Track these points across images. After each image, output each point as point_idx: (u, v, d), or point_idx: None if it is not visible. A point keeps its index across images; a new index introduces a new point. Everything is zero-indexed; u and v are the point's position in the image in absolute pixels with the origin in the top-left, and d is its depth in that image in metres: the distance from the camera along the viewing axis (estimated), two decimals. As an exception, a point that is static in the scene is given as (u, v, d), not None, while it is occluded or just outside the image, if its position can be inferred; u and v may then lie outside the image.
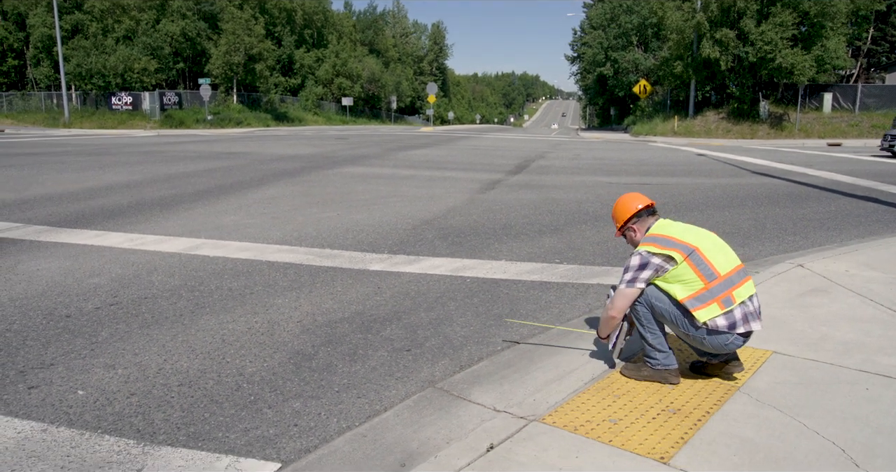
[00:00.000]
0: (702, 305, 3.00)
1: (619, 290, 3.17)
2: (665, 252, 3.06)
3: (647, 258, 3.09)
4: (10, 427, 2.83)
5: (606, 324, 3.27)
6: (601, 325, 3.32)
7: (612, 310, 3.20)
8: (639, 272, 3.11)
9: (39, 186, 10.57)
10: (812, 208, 9.26)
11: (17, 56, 43.88)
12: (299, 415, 3.01)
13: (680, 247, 3.06)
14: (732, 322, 3.00)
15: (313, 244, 6.53)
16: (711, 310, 2.99)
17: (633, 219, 3.32)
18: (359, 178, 12.79)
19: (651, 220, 3.31)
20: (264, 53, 46.42)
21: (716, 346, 3.05)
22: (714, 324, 2.99)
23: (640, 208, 3.31)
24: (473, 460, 2.46)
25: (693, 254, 3.04)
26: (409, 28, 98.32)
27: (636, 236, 3.32)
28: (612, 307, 3.19)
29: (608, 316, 3.22)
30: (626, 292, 3.14)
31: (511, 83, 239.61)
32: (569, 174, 14.11)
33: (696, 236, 3.14)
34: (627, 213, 3.33)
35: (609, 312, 3.21)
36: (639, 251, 3.14)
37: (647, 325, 3.18)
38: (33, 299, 4.65)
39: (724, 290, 3.00)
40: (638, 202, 3.33)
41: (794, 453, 2.51)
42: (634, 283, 3.12)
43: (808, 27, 32.10)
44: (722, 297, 3.00)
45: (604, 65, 57.59)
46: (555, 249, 6.52)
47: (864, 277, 5.06)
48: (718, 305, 2.99)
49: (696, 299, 3.01)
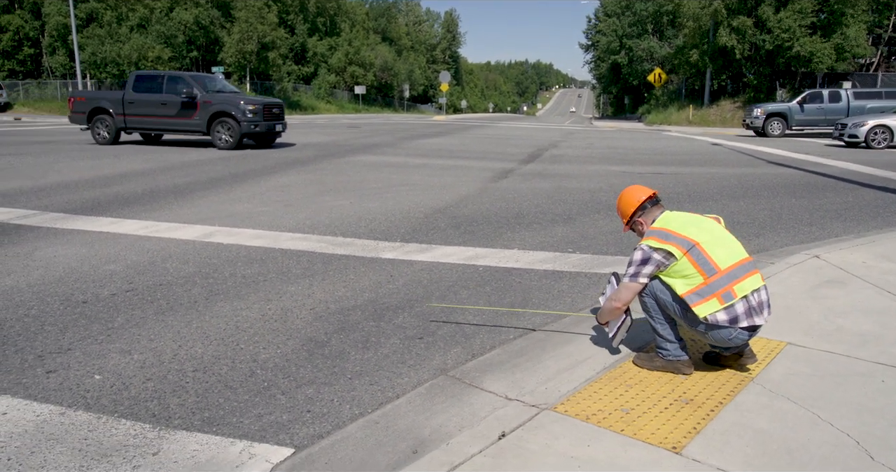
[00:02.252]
0: (701, 300, 2.96)
1: (623, 283, 3.18)
2: (664, 247, 3.02)
3: (649, 253, 3.07)
4: (29, 410, 2.88)
5: (609, 313, 3.28)
6: (602, 311, 3.33)
7: (616, 301, 3.20)
8: (641, 267, 3.10)
9: (56, 174, 10.67)
10: (829, 199, 9.15)
11: (33, 45, 44.19)
12: (312, 401, 3.03)
13: (679, 241, 3.02)
14: (734, 317, 2.95)
15: (326, 232, 6.55)
16: (711, 305, 2.95)
17: (638, 212, 3.30)
18: (371, 166, 12.79)
19: (656, 211, 3.28)
20: (277, 42, 46.42)
21: (719, 340, 3.03)
22: (714, 319, 2.96)
23: (644, 200, 3.28)
24: (485, 447, 2.47)
25: (693, 249, 3.00)
26: (421, 16, 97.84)
27: (643, 229, 3.29)
28: (616, 299, 3.20)
29: (612, 307, 3.23)
30: (629, 285, 3.15)
31: (524, 72, 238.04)
32: (582, 163, 14.03)
33: (697, 229, 3.08)
34: (631, 207, 3.31)
35: (613, 303, 3.21)
36: (641, 246, 3.12)
37: (655, 316, 3.17)
38: (50, 285, 4.71)
39: (724, 284, 2.95)
40: (640, 195, 3.30)
41: (808, 444, 2.50)
42: (637, 278, 3.11)
43: (827, 14, 31.56)
44: (722, 291, 2.95)
45: (618, 53, 57.06)
46: (567, 238, 6.50)
47: (881, 268, 5.00)
48: (718, 300, 2.95)
49: (696, 294, 2.98)
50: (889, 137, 18.38)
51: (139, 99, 16.10)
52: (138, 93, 16.13)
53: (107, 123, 16.55)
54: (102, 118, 16.59)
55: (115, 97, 16.49)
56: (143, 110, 16.11)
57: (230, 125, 15.43)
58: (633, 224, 3.36)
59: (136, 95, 16.14)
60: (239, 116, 15.27)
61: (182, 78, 16.17)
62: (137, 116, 16.23)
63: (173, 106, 15.75)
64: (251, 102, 15.56)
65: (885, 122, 18.60)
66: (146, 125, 16.42)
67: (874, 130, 18.42)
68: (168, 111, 15.84)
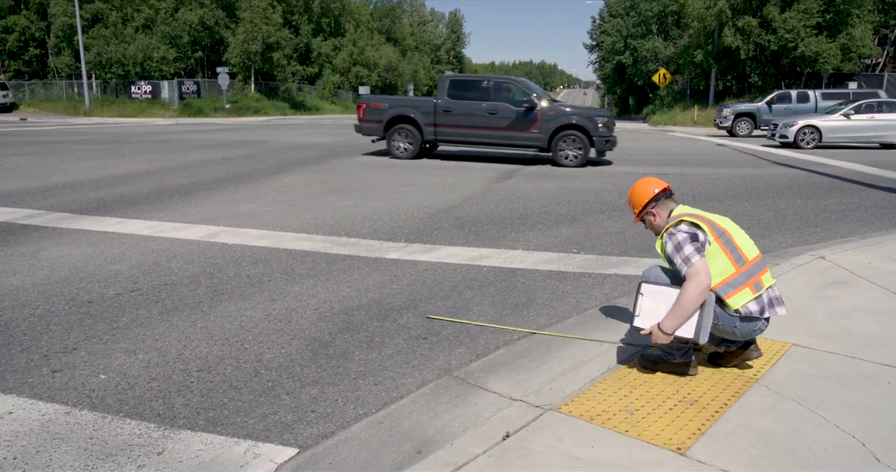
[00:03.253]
0: (734, 290, 2.98)
1: (689, 269, 2.90)
2: (701, 225, 3.03)
3: (690, 230, 3.04)
4: (34, 410, 2.89)
5: (689, 310, 2.90)
6: (673, 318, 2.93)
7: (697, 287, 2.86)
8: (693, 244, 2.98)
9: (61, 174, 10.71)
10: (834, 200, 9.11)
11: (39, 45, 44.34)
12: (316, 401, 3.03)
13: (711, 226, 3.06)
14: (762, 307, 3.01)
15: (330, 232, 6.55)
16: (744, 295, 2.98)
17: (652, 203, 3.27)
18: (375, 166, 12.80)
19: (671, 204, 3.27)
20: (282, 42, 46.44)
21: (745, 333, 3.05)
22: (747, 310, 2.99)
23: (658, 192, 3.27)
24: (489, 448, 2.47)
25: (723, 236, 3.05)
26: (426, 16, 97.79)
27: (656, 220, 3.27)
28: (696, 288, 2.86)
29: (696, 295, 2.86)
30: (698, 265, 2.90)
31: (529, 72, 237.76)
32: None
33: (721, 220, 3.15)
34: (646, 197, 3.28)
35: (695, 291, 2.86)
36: (678, 228, 3.06)
37: None
38: (56, 284, 4.73)
39: (753, 274, 3.01)
40: (655, 186, 3.30)
41: (813, 446, 2.49)
42: (697, 253, 2.95)
43: (833, 15, 31.46)
44: (752, 281, 3.00)
45: (623, 53, 56.94)
46: (572, 238, 6.49)
47: (887, 269, 4.98)
48: (750, 289, 2.99)
49: (729, 284, 2.98)
50: (818, 137, 18.56)
51: (457, 107, 13.52)
52: (456, 100, 13.58)
53: (411, 134, 14.04)
54: (404, 129, 14.06)
55: (424, 105, 13.99)
56: (462, 121, 13.54)
57: (580, 140, 13.04)
58: (645, 215, 3.32)
59: (452, 103, 13.56)
60: (591, 131, 12.96)
61: (511, 83, 13.84)
62: (453, 127, 13.66)
63: (505, 116, 13.21)
64: (600, 115, 13.45)
65: (814, 122, 18.80)
66: (462, 138, 13.85)
67: (802, 131, 18.61)
68: (497, 122, 13.30)
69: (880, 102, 19.38)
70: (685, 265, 2.94)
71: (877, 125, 18.52)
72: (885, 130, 18.51)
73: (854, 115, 18.70)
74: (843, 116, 18.76)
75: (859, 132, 18.67)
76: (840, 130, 18.64)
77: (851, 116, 18.69)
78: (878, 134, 18.61)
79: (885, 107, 18.96)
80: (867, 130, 18.60)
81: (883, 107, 18.96)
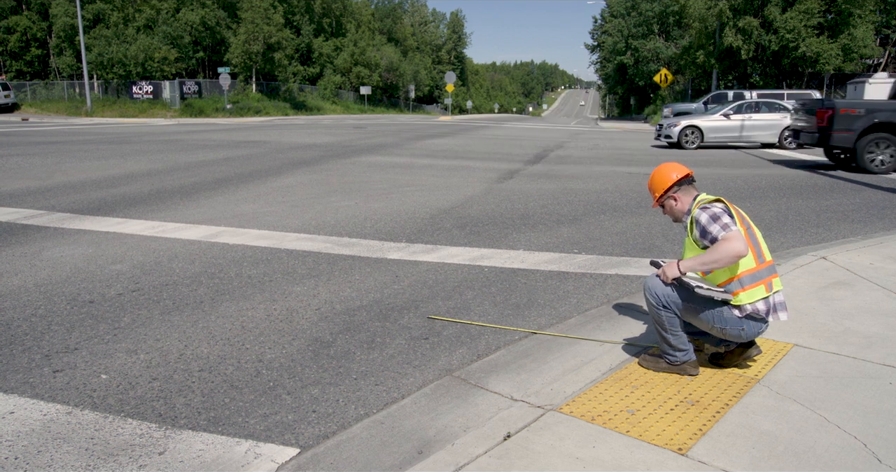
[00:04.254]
0: (754, 283, 2.99)
1: (728, 233, 2.89)
2: (732, 212, 3.04)
3: (726, 209, 3.03)
4: (36, 410, 2.89)
5: (714, 263, 2.91)
6: (695, 261, 2.96)
7: (732, 252, 2.85)
8: (722, 217, 2.96)
9: (62, 174, 10.72)
10: (835, 200, 9.10)
11: (41, 45, 44.44)
12: (318, 401, 3.03)
13: (741, 217, 3.10)
14: (768, 309, 3.03)
15: (331, 233, 6.56)
16: (759, 291, 3.00)
17: (675, 187, 3.24)
18: (377, 167, 12.80)
19: (693, 190, 3.26)
20: (283, 42, 46.50)
21: (749, 334, 3.06)
22: (755, 308, 3.00)
23: (682, 177, 3.25)
24: (490, 448, 2.47)
25: (749, 229, 3.08)
26: (427, 16, 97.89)
27: (677, 204, 3.24)
28: (731, 249, 2.84)
29: (723, 258, 2.87)
30: (736, 233, 2.89)
31: (530, 72, 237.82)
32: (587, 164, 14.00)
33: (746, 216, 3.19)
34: (669, 182, 3.24)
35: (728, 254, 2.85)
36: (711, 205, 3.04)
37: (670, 329, 3.10)
38: (57, 284, 4.73)
39: (768, 275, 3.04)
40: (680, 171, 3.27)
41: (815, 446, 2.49)
42: (730, 226, 2.93)
43: (834, 15, 31.44)
44: (767, 280, 3.02)
45: (624, 53, 56.96)
46: (573, 239, 6.49)
47: (888, 270, 4.98)
48: (765, 287, 3.01)
49: (751, 276, 2.99)
50: (699, 137, 18.67)
51: None
52: None
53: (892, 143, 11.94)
54: (889, 138, 11.94)
55: None
56: None
57: None
58: (666, 199, 3.28)
59: None
60: None
61: None
62: None
63: None
64: None
65: (696, 122, 18.90)
66: None
67: (685, 131, 18.71)
68: None
69: (758, 103, 19.43)
70: (723, 231, 2.91)
71: (753, 125, 18.71)
72: (759, 130, 18.72)
73: (733, 115, 18.86)
74: (724, 115, 18.92)
75: (737, 132, 18.84)
76: (720, 129, 18.78)
77: (731, 115, 18.84)
78: (753, 134, 18.82)
79: (763, 107, 19.04)
80: (744, 129, 18.75)
81: (761, 107, 19.04)
